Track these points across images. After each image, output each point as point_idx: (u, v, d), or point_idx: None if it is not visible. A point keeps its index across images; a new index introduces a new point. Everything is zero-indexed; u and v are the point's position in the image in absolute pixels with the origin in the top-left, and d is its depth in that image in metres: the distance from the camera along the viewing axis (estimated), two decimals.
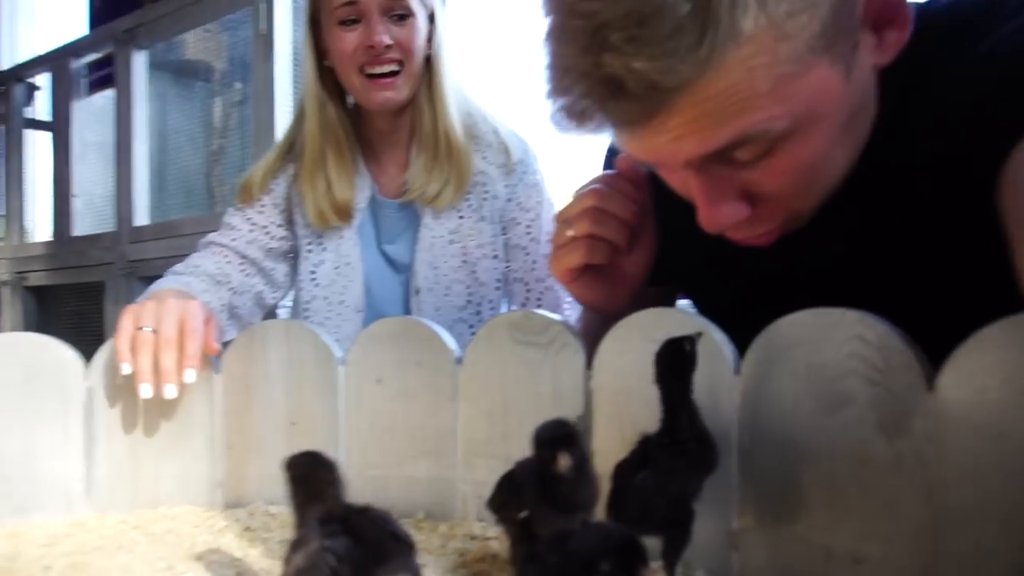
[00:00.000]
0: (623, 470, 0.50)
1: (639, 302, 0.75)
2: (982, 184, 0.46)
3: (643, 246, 0.67)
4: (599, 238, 0.62)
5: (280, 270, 1.19)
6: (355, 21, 1.05)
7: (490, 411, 0.69)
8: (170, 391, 0.73)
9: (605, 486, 0.56)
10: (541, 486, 0.47)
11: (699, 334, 0.49)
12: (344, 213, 1.13)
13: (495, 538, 0.66)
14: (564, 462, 0.45)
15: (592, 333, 0.65)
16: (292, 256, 1.20)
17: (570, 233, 0.63)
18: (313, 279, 1.15)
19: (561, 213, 0.66)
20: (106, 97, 2.55)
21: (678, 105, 0.44)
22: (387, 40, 1.04)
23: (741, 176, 0.50)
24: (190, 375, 0.74)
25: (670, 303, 0.81)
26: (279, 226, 1.17)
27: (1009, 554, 0.41)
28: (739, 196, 0.50)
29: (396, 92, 1.07)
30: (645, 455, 0.50)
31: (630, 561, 0.36)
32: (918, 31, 0.53)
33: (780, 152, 0.48)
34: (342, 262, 1.15)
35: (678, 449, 0.48)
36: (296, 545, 0.42)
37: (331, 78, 1.12)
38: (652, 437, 0.50)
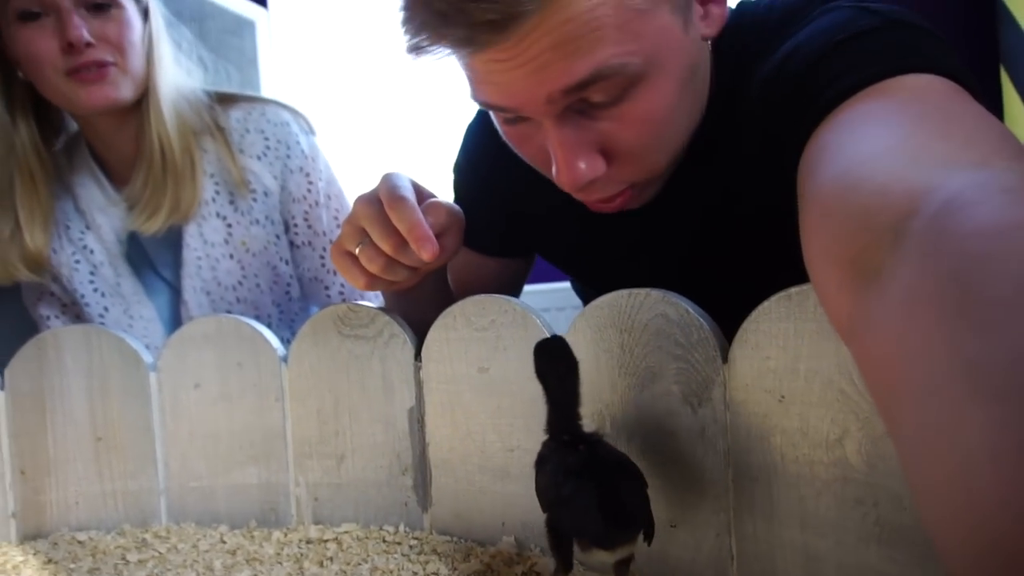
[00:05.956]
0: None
1: (480, 272, 0.75)
2: (788, 174, 0.50)
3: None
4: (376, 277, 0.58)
5: None
6: (39, 14, 0.84)
7: (320, 409, 0.66)
8: None
9: (442, 489, 0.53)
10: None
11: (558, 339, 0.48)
12: (35, 265, 0.93)
13: (332, 540, 0.64)
14: None
15: (391, 308, 0.65)
16: None
17: (348, 249, 0.59)
18: (101, 321, 0.96)
19: (348, 218, 0.59)
20: None
21: (533, 25, 0.45)
22: (86, 36, 0.83)
23: (598, 128, 0.51)
24: None
25: (524, 271, 0.83)
26: None
27: (797, 503, 0.46)
28: (596, 150, 0.52)
29: (112, 87, 0.87)
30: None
31: None
32: (741, 24, 0.58)
33: (633, 99, 0.50)
34: (134, 313, 0.97)
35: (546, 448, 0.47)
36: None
37: (23, 93, 0.91)
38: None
